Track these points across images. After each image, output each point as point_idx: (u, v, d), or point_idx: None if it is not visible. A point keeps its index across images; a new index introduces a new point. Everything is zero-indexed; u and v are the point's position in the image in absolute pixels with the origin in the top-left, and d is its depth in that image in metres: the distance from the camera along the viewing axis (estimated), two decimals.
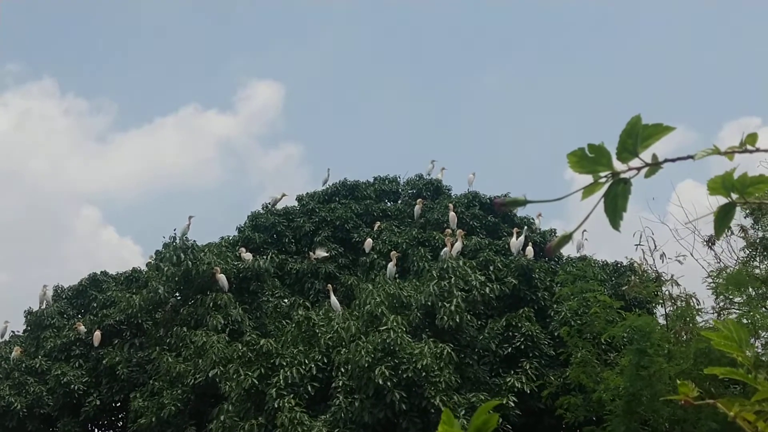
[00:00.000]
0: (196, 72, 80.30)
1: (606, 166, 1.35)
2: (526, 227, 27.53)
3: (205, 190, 71.50)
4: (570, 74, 74.78)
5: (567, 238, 1.44)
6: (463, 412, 17.13)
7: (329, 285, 24.35)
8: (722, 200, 1.50)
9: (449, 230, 25.52)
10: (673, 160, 1.38)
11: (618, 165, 1.36)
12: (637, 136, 1.35)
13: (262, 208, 31.04)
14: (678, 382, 2.05)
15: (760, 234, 17.58)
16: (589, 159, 1.36)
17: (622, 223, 1.39)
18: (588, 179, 1.37)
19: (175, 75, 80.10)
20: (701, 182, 1.51)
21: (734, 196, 1.48)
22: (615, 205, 1.35)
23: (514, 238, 25.04)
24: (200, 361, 21.95)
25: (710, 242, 17.66)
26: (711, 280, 16.41)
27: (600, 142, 1.35)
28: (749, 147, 1.41)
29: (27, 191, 65.74)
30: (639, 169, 1.36)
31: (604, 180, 1.36)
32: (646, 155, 1.36)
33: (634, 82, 68.96)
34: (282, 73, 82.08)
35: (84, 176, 69.72)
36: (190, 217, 27.00)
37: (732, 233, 17.74)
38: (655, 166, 1.36)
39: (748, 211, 17.27)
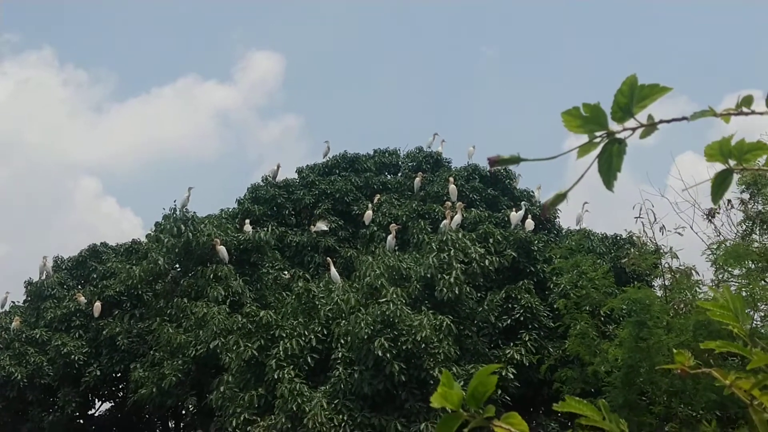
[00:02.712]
0: (196, 42, 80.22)
1: (601, 126, 1.34)
2: (525, 201, 27.51)
3: (204, 160, 71.62)
4: (570, 47, 74.58)
5: (561, 197, 1.42)
6: (461, 383, 17.04)
7: (328, 258, 24.35)
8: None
9: (449, 203, 25.51)
10: (668, 121, 1.37)
11: (613, 125, 1.35)
12: (632, 96, 1.33)
13: (262, 181, 31.00)
14: (675, 351, 2.05)
15: (759, 207, 17.54)
16: (585, 118, 1.34)
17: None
18: (583, 139, 1.35)
19: (174, 45, 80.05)
20: (701, 154, 1.49)
21: (732, 162, 1.46)
22: (609, 165, 1.33)
23: (514, 212, 25.08)
24: (201, 332, 22.03)
25: (710, 215, 17.62)
26: (710, 253, 16.39)
27: (596, 101, 1.34)
28: (744, 109, 1.39)
29: (26, 161, 65.83)
30: (634, 129, 1.35)
31: (599, 140, 1.34)
32: (641, 116, 1.35)
33: (635, 52, 68.77)
34: (282, 44, 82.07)
35: (82, 146, 69.86)
36: (189, 189, 26.97)
37: (732, 206, 17.71)
38: (650, 126, 1.34)
39: (744, 186, 17.24)
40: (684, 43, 73.73)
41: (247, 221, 26.89)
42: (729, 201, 17.55)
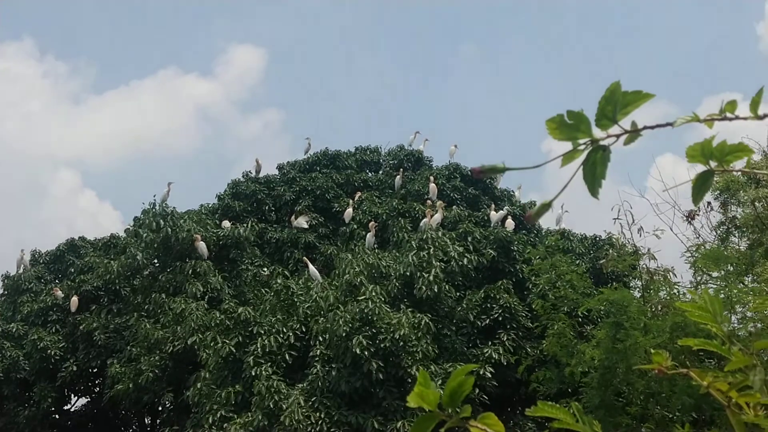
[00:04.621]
0: (177, 35, 79.88)
1: (585, 133, 1.34)
2: (506, 201, 27.63)
3: (184, 155, 71.34)
4: (548, 45, 74.81)
5: (547, 207, 1.43)
6: (440, 381, 17.17)
7: (305, 258, 24.29)
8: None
9: (430, 201, 25.54)
10: (652, 128, 1.37)
11: (597, 132, 1.35)
12: (616, 103, 1.33)
13: (243, 176, 30.94)
14: (652, 351, 2.06)
15: (738, 211, 17.68)
16: (568, 126, 1.34)
17: (603, 197, 1.39)
18: (567, 146, 1.36)
19: (155, 37, 79.68)
20: (681, 156, 1.52)
21: (713, 164, 1.48)
22: (593, 173, 1.34)
23: (493, 211, 25.15)
24: (178, 328, 21.94)
25: (690, 217, 17.75)
26: (689, 255, 16.50)
27: (579, 109, 1.34)
28: (728, 115, 1.41)
29: (3, 152, 65.21)
30: (618, 136, 1.35)
31: (582, 147, 1.35)
32: (625, 122, 1.35)
33: (615, 54, 69.12)
34: (264, 38, 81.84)
35: (62, 139, 69.27)
36: (169, 184, 26.88)
37: (711, 208, 17.84)
38: (634, 133, 1.35)
39: (717, 192, 17.37)
40: (664, 45, 74.12)
41: (227, 222, 26.76)
42: (709, 203, 17.70)
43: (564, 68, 75.03)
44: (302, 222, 27.44)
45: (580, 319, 17.39)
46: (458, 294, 21.47)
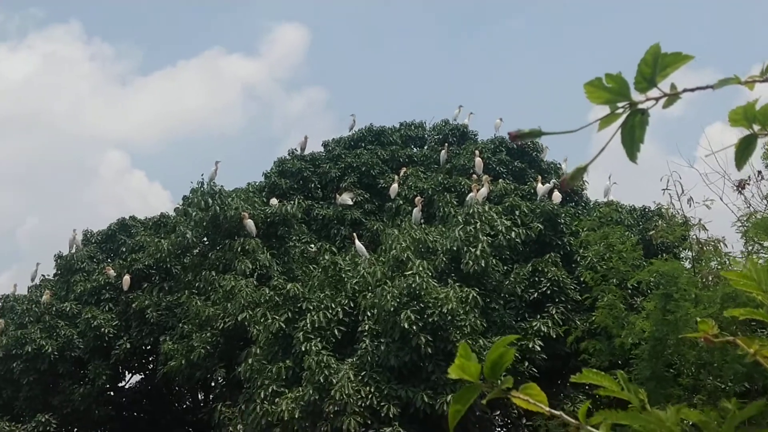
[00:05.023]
0: (221, 15, 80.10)
1: (624, 97, 1.32)
2: (552, 174, 27.42)
3: (230, 134, 71.73)
4: (596, 17, 73.72)
5: (582, 171, 1.41)
6: None
7: (353, 233, 24.38)
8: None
9: (475, 176, 25.42)
10: (692, 90, 1.35)
11: (636, 95, 1.34)
12: (655, 65, 1.31)
13: (289, 154, 31.04)
14: (698, 320, 2.04)
15: None
16: (607, 89, 1.33)
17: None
18: (605, 110, 1.34)
19: (200, 18, 79.97)
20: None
21: (756, 128, 1.45)
22: (632, 137, 1.32)
23: (540, 184, 24.98)
24: (229, 305, 22.18)
25: (740, 186, 17.42)
26: (740, 225, 16.22)
27: (618, 71, 1.33)
28: None
29: (53, 134, 66.14)
30: (657, 99, 1.33)
31: (621, 111, 1.33)
32: (664, 85, 1.33)
33: (661, 23, 67.91)
34: (308, 16, 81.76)
35: (110, 120, 70.09)
36: (217, 162, 27.02)
37: (762, 177, 17.49)
38: (673, 96, 1.33)
39: None
40: (712, 13, 72.66)
41: (272, 199, 27.00)
42: (759, 172, 17.35)
43: (611, 39, 74.00)
44: (347, 198, 27.50)
45: (630, 291, 17.25)
46: (506, 268, 21.39)
